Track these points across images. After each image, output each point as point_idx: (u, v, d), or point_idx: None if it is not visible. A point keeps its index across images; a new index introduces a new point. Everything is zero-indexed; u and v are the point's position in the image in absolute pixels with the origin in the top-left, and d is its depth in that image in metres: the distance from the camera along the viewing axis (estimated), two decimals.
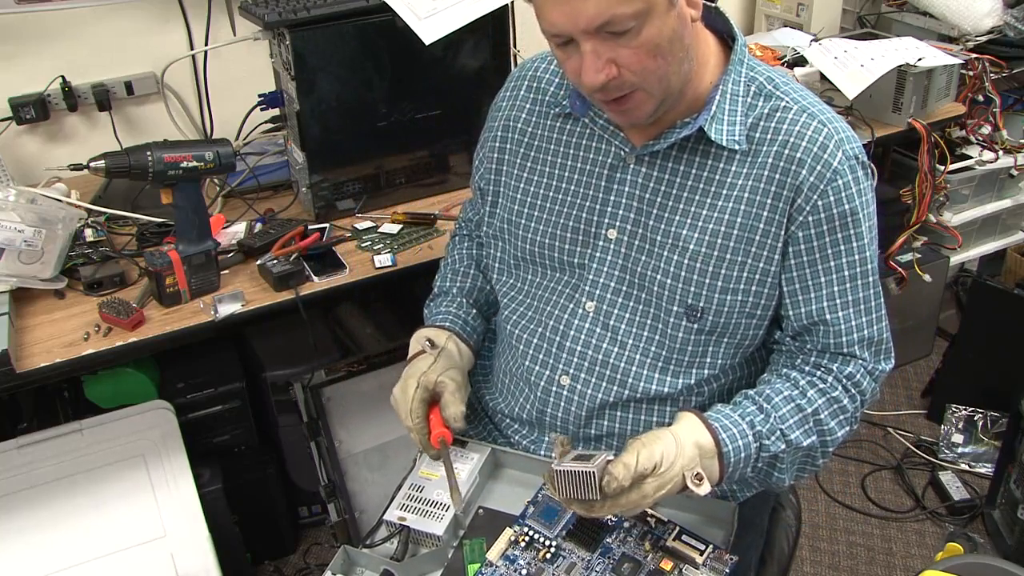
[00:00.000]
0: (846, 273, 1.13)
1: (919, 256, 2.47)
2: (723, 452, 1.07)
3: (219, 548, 1.67)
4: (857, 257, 1.13)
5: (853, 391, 1.16)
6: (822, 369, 1.17)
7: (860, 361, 1.16)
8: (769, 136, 1.11)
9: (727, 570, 1.10)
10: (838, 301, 1.14)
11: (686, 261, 1.15)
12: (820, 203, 1.10)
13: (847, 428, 1.16)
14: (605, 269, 1.21)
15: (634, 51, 1.01)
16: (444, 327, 1.33)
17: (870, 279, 1.15)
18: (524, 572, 1.11)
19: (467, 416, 1.25)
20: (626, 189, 1.19)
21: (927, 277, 2.48)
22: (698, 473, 1.04)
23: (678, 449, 1.04)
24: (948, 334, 2.72)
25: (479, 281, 1.41)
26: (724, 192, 1.13)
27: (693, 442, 1.06)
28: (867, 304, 1.15)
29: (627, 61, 1.02)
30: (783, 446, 1.12)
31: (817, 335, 1.16)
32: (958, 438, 2.42)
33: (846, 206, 1.10)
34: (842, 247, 1.12)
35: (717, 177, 1.13)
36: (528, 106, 1.28)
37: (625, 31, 1.00)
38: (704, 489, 1.04)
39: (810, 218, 1.11)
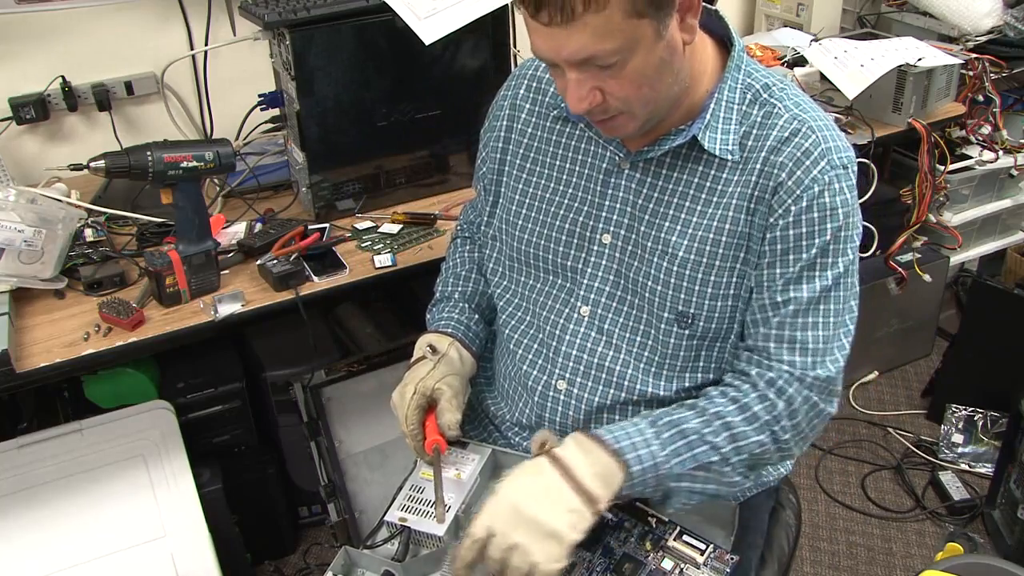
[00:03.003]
0: (793, 274, 1.10)
1: (919, 256, 2.47)
2: (597, 435, 1.06)
3: (219, 548, 1.67)
4: (813, 261, 1.09)
5: (772, 397, 1.10)
6: (741, 377, 1.13)
7: (785, 365, 1.10)
8: (759, 143, 1.11)
9: (728, 570, 1.10)
10: (779, 299, 1.10)
11: (675, 268, 1.14)
12: (793, 207, 1.08)
13: (764, 435, 1.09)
14: (600, 274, 1.21)
15: (619, 81, 1.02)
16: (447, 333, 1.32)
17: (817, 284, 1.09)
18: None
19: (469, 419, 1.26)
20: (620, 194, 1.18)
21: (927, 277, 2.48)
22: (541, 441, 1.07)
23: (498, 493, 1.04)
24: (948, 334, 2.73)
25: (481, 285, 1.41)
26: (715, 200, 1.13)
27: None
28: (813, 311, 1.10)
29: (612, 89, 1.03)
30: (685, 426, 1.08)
31: (754, 332, 1.13)
32: (958, 438, 2.42)
33: (815, 213, 1.08)
34: (803, 253, 1.09)
35: (708, 184, 1.13)
36: (528, 106, 1.28)
37: (610, 64, 0.99)
38: (561, 449, 1.04)
39: (780, 221, 1.09)
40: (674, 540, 1.12)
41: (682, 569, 1.10)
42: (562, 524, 1.00)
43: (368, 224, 1.77)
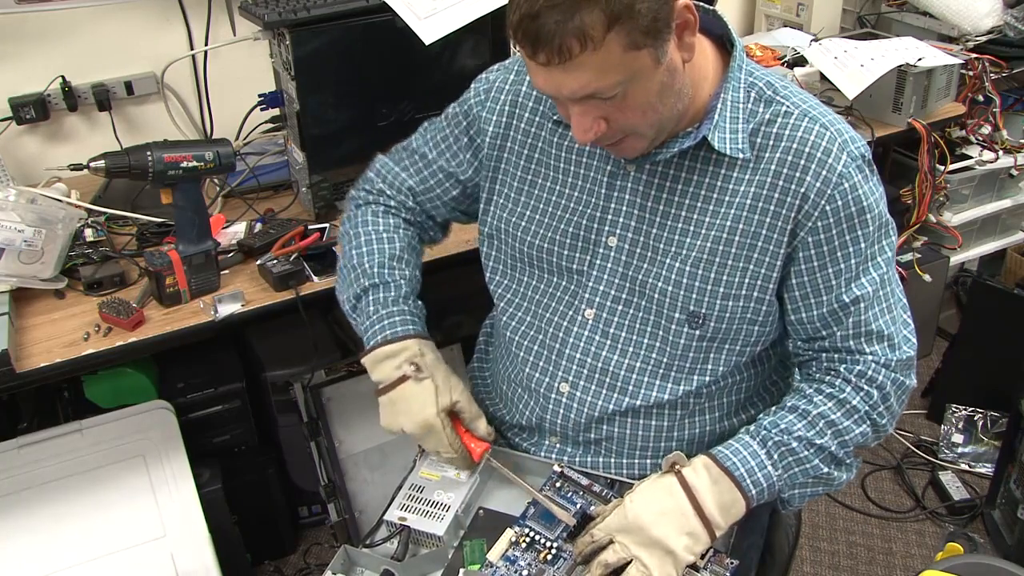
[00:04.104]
0: (854, 272, 1.13)
1: (919, 256, 2.47)
2: (726, 465, 1.10)
3: (219, 548, 1.67)
4: (866, 255, 1.13)
5: (867, 387, 1.15)
6: (832, 373, 1.17)
7: (870, 356, 1.15)
8: (771, 142, 1.11)
9: (727, 573, 1.10)
10: (847, 299, 1.13)
11: (688, 268, 1.15)
12: (828, 208, 1.09)
13: (865, 425, 1.15)
14: (605, 276, 1.21)
15: (623, 111, 1.02)
16: (406, 336, 1.24)
17: (874, 275, 1.14)
18: (525, 573, 1.11)
19: None
20: (627, 196, 1.18)
21: (927, 277, 2.48)
22: (672, 461, 1.10)
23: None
24: (948, 334, 2.72)
25: (415, 269, 1.34)
26: (727, 199, 1.13)
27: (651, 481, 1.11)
28: (877, 300, 1.15)
29: (616, 117, 1.03)
30: (790, 441, 1.12)
31: (829, 335, 1.16)
32: (958, 438, 2.42)
33: (853, 208, 1.10)
34: (850, 248, 1.12)
35: (719, 184, 1.13)
36: (532, 104, 1.26)
37: (611, 96, 1.00)
38: (690, 473, 1.09)
39: (819, 223, 1.10)
40: None
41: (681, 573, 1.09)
42: (679, 546, 1.06)
43: None
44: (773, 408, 1.17)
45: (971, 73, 2.28)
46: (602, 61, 0.96)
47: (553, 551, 1.13)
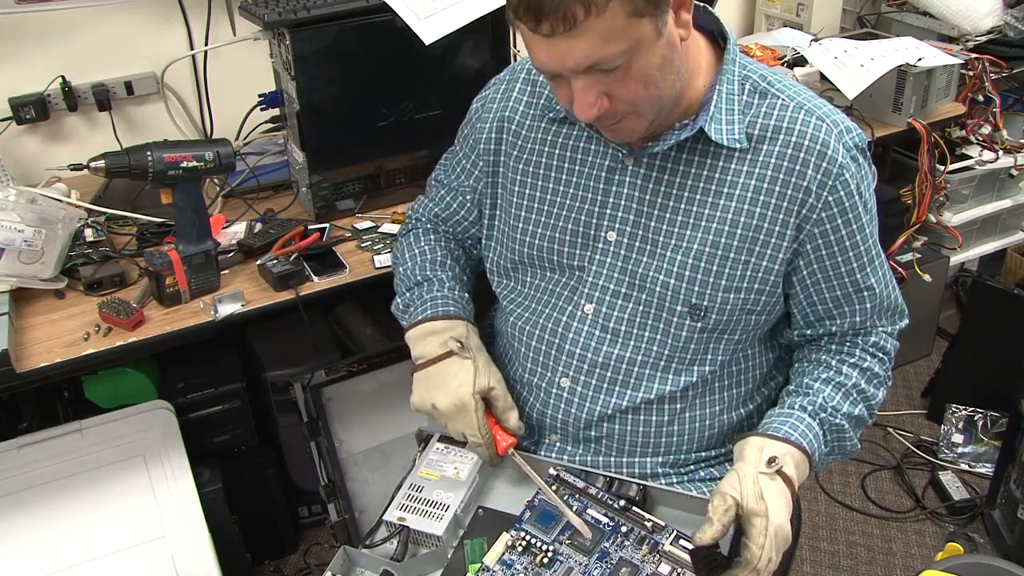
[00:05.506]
0: (864, 260, 1.17)
1: (919, 256, 2.48)
2: (808, 452, 1.12)
3: (219, 548, 1.67)
4: (871, 243, 1.17)
5: (880, 355, 1.23)
6: (848, 344, 1.23)
7: (880, 328, 1.23)
8: (769, 134, 1.12)
9: None
10: (862, 286, 1.18)
11: (690, 261, 1.15)
12: (831, 198, 1.12)
13: (883, 388, 1.24)
14: (604, 271, 1.22)
15: (625, 84, 1.03)
16: (453, 316, 1.29)
17: (873, 254, 1.18)
18: None
19: None
20: (625, 191, 1.19)
21: (927, 277, 2.48)
22: (770, 459, 1.09)
23: (739, 475, 1.08)
24: (948, 334, 2.73)
25: (457, 271, 1.38)
26: (725, 191, 1.14)
27: (754, 452, 1.11)
28: (879, 280, 1.20)
29: (619, 92, 1.03)
30: (839, 419, 1.17)
31: (842, 320, 1.21)
32: (958, 438, 2.42)
33: (856, 198, 1.13)
34: (858, 237, 1.15)
35: (717, 176, 1.14)
36: (522, 108, 1.27)
37: (614, 68, 1.00)
38: (789, 469, 1.09)
39: (823, 214, 1.13)
40: (671, 544, 1.12)
41: (679, 573, 1.09)
42: None
43: (368, 224, 1.78)
44: (807, 382, 1.21)
45: (971, 73, 2.28)
46: (606, 28, 0.96)
47: (549, 555, 1.12)
